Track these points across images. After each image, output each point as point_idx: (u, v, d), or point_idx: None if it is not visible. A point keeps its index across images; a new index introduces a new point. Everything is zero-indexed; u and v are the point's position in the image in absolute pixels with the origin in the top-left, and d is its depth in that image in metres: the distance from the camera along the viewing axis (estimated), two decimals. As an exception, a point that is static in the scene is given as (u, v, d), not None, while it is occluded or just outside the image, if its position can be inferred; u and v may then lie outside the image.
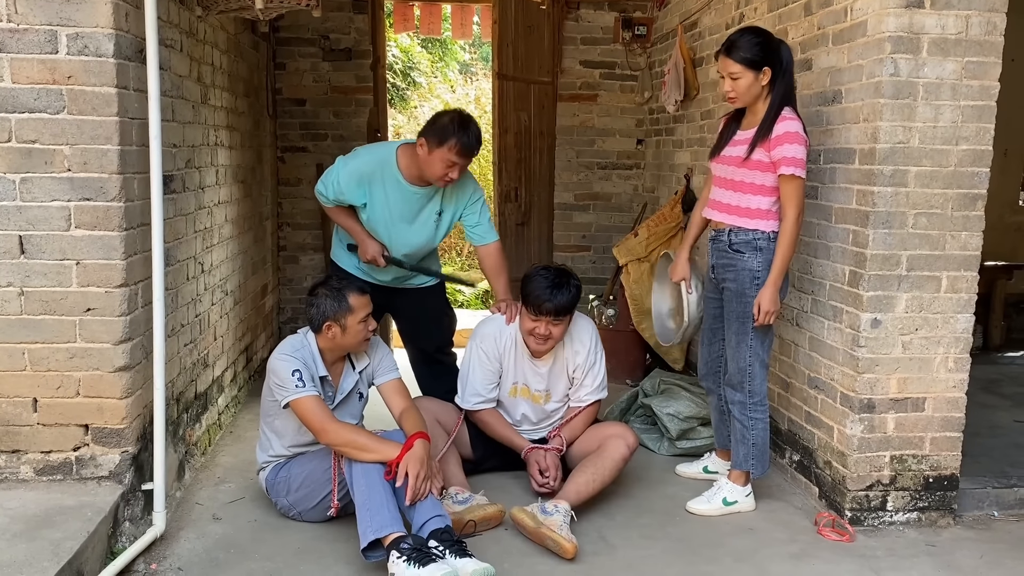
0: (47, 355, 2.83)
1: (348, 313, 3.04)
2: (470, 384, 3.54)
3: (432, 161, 3.36)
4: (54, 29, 2.68)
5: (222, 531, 3.09)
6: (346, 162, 3.55)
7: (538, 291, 3.31)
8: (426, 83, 11.83)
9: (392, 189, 3.51)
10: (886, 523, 3.28)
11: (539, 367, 3.53)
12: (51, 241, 2.77)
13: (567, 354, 3.53)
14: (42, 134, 2.72)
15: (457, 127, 3.34)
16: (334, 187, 3.52)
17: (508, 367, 3.55)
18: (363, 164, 3.52)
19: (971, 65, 3.05)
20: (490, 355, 3.53)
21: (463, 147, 3.34)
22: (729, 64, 3.12)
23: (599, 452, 3.34)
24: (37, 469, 2.88)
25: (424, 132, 3.41)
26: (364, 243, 3.62)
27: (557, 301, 3.29)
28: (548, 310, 3.30)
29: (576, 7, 5.91)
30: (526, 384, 3.56)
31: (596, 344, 3.57)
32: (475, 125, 3.42)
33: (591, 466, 3.27)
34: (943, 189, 3.12)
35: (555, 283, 3.31)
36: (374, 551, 2.75)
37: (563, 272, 3.39)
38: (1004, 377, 5.37)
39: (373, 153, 3.60)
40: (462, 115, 3.44)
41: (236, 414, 4.39)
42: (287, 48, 5.68)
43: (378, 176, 3.50)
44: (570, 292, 3.33)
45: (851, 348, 3.22)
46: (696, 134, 5.04)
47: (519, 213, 5.82)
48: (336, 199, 3.56)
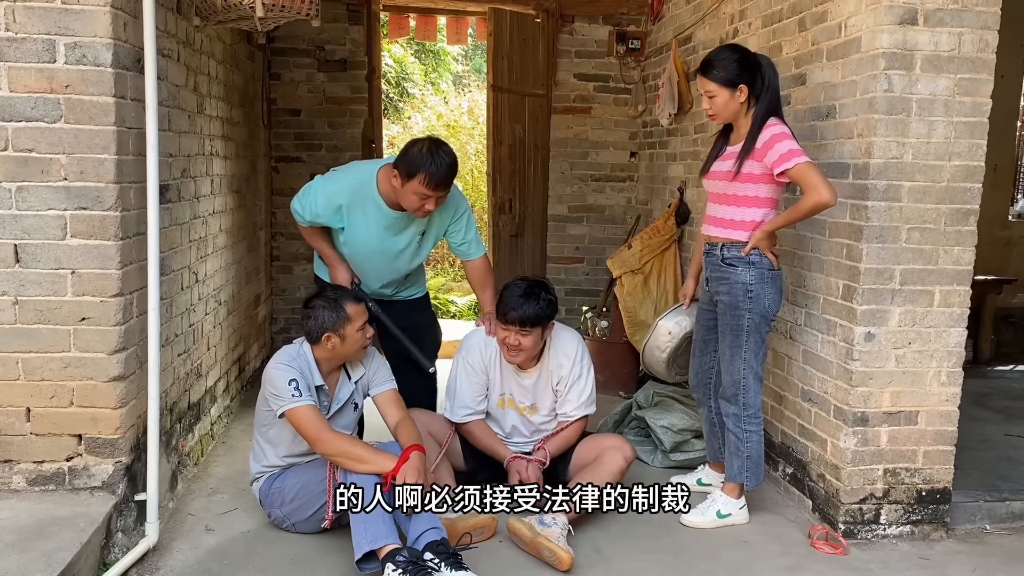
0: (41, 364, 2.81)
1: (347, 323, 3.04)
2: (458, 397, 3.53)
3: (406, 194, 3.23)
4: (52, 38, 2.68)
5: (215, 542, 3.08)
6: (324, 185, 3.41)
7: (508, 300, 3.30)
8: (419, 94, 11.86)
9: (372, 213, 3.38)
10: (879, 536, 3.29)
11: (524, 380, 3.52)
12: (47, 250, 2.76)
13: (551, 367, 3.51)
14: (39, 143, 2.71)
15: (426, 158, 3.17)
16: (311, 209, 3.39)
17: (495, 379, 3.54)
18: (342, 189, 3.37)
19: (964, 82, 3.08)
20: (476, 367, 3.52)
21: (432, 179, 3.17)
22: (705, 83, 3.17)
23: (596, 464, 3.34)
24: (30, 479, 2.86)
25: (396, 163, 3.25)
26: (335, 269, 3.51)
27: (523, 311, 3.27)
28: (514, 319, 3.28)
29: (571, 20, 5.94)
30: (511, 395, 3.55)
31: (582, 358, 3.52)
32: (446, 154, 3.23)
33: (591, 476, 3.26)
34: (936, 204, 3.14)
35: (526, 293, 3.29)
36: (368, 563, 2.74)
37: (539, 284, 3.37)
38: (994, 391, 5.40)
39: (352, 176, 3.43)
40: (432, 144, 3.24)
41: (229, 424, 4.38)
42: (282, 58, 5.69)
43: (358, 201, 3.37)
44: (539, 304, 3.29)
45: (845, 361, 3.24)
46: (690, 147, 5.07)
47: (513, 225, 5.84)
48: (312, 221, 3.44)
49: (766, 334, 3.28)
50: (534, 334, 3.34)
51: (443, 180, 3.22)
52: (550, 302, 3.35)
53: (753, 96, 3.15)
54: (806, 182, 2.99)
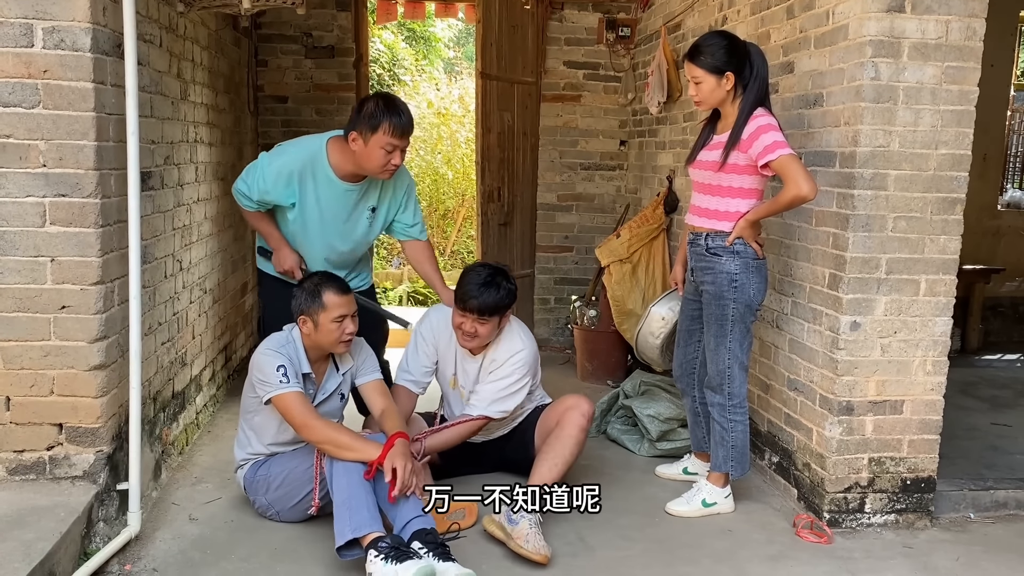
0: (20, 353, 2.79)
1: (321, 310, 3.02)
2: (404, 361, 3.51)
3: (370, 152, 3.17)
4: (30, 22, 2.64)
5: (198, 531, 3.06)
6: (272, 159, 3.32)
7: (467, 286, 3.25)
8: (411, 80, 11.79)
9: (324, 187, 3.31)
10: (864, 525, 3.30)
11: (468, 364, 3.47)
12: (25, 237, 2.73)
13: (488, 361, 3.43)
14: (16, 128, 2.68)
15: (385, 110, 3.15)
16: (259, 186, 3.29)
17: (446, 358, 3.50)
18: (291, 160, 3.28)
19: (951, 70, 3.07)
20: (427, 339, 3.49)
21: (397, 127, 3.15)
22: (691, 68, 3.15)
23: (557, 432, 3.29)
24: (9, 469, 2.83)
25: (353, 125, 3.19)
26: (281, 252, 3.42)
27: (482, 299, 3.22)
28: (472, 307, 3.23)
29: (560, 7, 5.90)
30: (457, 377, 3.51)
31: (517, 364, 3.37)
32: (402, 103, 3.25)
33: (551, 451, 3.22)
34: (922, 193, 3.13)
35: (486, 281, 3.24)
36: (349, 550, 2.73)
37: (499, 272, 3.32)
38: (981, 380, 5.42)
39: (301, 148, 3.34)
40: (386, 96, 3.25)
41: (214, 413, 4.36)
42: (269, 45, 5.64)
43: (308, 173, 3.28)
44: (499, 293, 3.24)
45: (830, 351, 3.23)
46: (679, 136, 5.05)
47: (502, 213, 5.81)
48: (260, 199, 3.33)
49: (751, 324, 3.27)
50: (491, 323, 3.29)
51: (408, 126, 3.20)
52: (510, 291, 3.30)
53: (741, 85, 3.13)
54: (787, 175, 2.98)
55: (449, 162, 10.30)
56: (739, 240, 3.16)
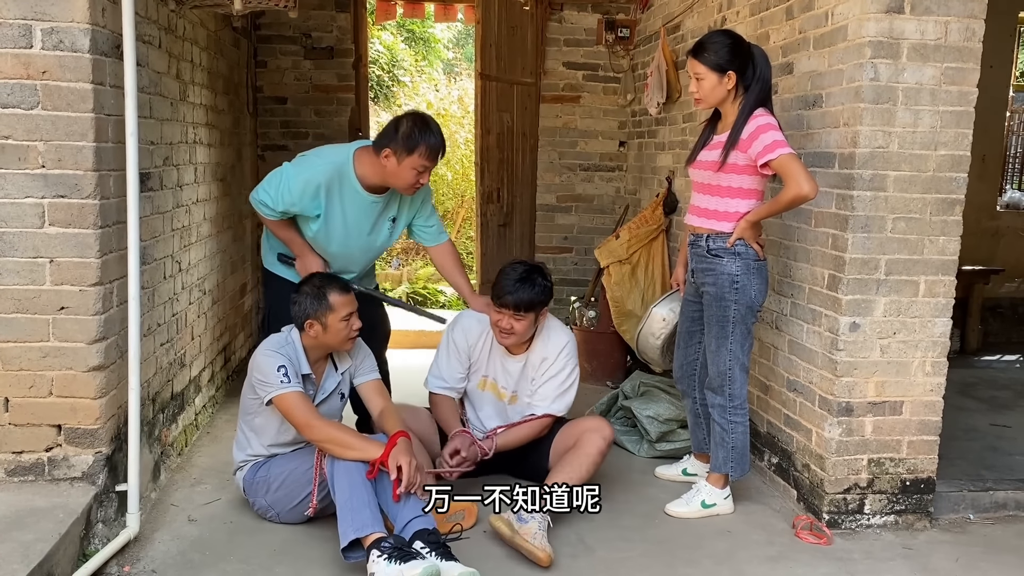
0: (19, 354, 2.78)
1: (328, 312, 3.02)
2: (436, 367, 3.53)
3: (401, 171, 3.23)
4: (29, 23, 2.64)
5: (197, 533, 3.06)
6: (298, 171, 3.31)
7: (504, 283, 3.28)
8: (410, 81, 11.80)
9: (350, 198, 3.34)
10: (863, 526, 3.29)
11: (509, 364, 3.49)
12: (24, 238, 2.73)
13: (535, 359, 3.48)
14: (15, 130, 2.68)
15: (422, 131, 3.22)
16: (285, 199, 3.29)
17: (480, 359, 3.52)
18: (319, 173, 3.29)
19: (950, 71, 3.07)
20: (460, 347, 3.51)
21: (432, 150, 3.23)
22: (694, 65, 3.15)
23: (576, 449, 3.31)
24: (8, 470, 2.83)
25: (386, 142, 3.23)
26: (306, 258, 3.43)
27: (518, 295, 3.25)
28: (508, 303, 3.26)
29: (559, 8, 5.90)
30: (495, 380, 3.53)
31: (568, 358, 3.46)
32: (436, 125, 3.31)
33: (568, 466, 3.24)
34: (921, 194, 3.13)
35: (522, 277, 3.28)
36: (354, 551, 2.73)
37: (535, 268, 3.35)
38: (981, 381, 5.42)
39: (327, 160, 3.35)
40: (423, 118, 3.30)
41: (213, 414, 4.35)
42: (268, 46, 5.65)
43: (336, 185, 3.31)
44: (535, 288, 3.28)
45: (830, 351, 3.23)
46: (678, 136, 5.05)
47: (501, 214, 5.81)
48: (285, 211, 3.32)
49: (752, 325, 3.27)
50: (528, 319, 3.32)
51: (440, 147, 3.29)
52: (545, 288, 3.34)
53: (742, 85, 3.13)
54: (787, 174, 2.98)
55: (448, 163, 10.30)
56: (740, 241, 3.16)
